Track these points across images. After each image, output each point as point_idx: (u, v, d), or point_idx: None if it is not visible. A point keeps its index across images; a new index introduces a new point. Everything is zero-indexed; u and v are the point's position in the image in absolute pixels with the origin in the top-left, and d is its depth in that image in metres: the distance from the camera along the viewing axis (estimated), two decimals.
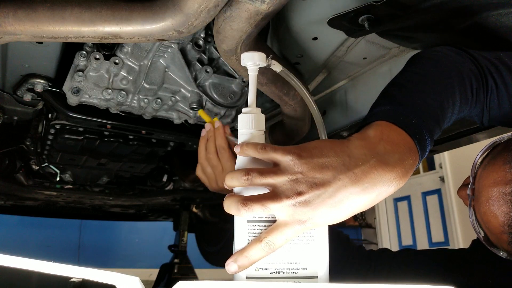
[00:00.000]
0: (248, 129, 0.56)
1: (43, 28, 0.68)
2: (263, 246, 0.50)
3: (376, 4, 0.73)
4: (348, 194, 0.49)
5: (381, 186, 0.50)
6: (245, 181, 0.51)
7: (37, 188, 1.58)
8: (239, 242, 0.52)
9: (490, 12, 0.75)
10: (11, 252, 0.45)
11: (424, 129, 0.55)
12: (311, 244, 0.54)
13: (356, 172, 0.49)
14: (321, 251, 0.54)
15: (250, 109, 0.57)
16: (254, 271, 0.51)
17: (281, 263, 0.52)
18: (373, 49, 1.04)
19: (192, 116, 1.11)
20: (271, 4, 0.64)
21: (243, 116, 0.57)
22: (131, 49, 0.97)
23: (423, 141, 0.54)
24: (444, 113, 0.58)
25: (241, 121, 0.57)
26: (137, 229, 4.36)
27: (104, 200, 1.90)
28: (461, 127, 1.10)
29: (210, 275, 3.55)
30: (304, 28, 0.91)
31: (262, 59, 0.59)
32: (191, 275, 2.21)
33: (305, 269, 0.53)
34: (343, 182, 0.49)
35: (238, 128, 0.57)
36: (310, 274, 0.52)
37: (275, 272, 0.52)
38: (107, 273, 0.40)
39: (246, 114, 0.57)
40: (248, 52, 0.59)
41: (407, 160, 0.52)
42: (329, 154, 0.51)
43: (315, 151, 0.51)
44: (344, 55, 1.04)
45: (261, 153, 0.53)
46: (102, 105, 1.03)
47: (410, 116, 0.55)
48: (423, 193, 4.88)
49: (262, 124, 0.57)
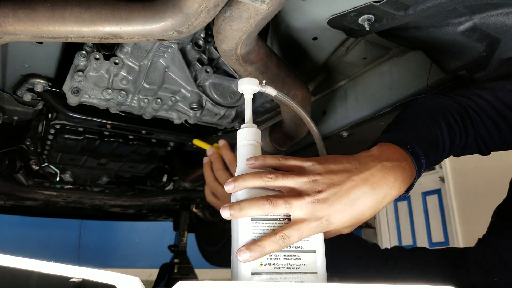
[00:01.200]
0: (248, 140, 0.62)
1: (43, 28, 0.68)
2: (278, 239, 0.54)
3: (376, 4, 0.73)
4: (360, 193, 0.57)
5: (386, 187, 0.59)
6: (269, 179, 0.57)
7: (37, 188, 1.58)
8: (243, 238, 0.55)
9: (490, 12, 0.75)
10: (11, 252, 0.45)
11: (416, 145, 0.66)
12: (309, 241, 0.58)
13: (366, 173, 0.59)
14: (318, 248, 0.58)
15: (248, 125, 0.64)
16: (259, 267, 0.54)
17: (283, 258, 0.55)
18: (373, 49, 1.04)
19: (192, 116, 1.11)
20: (271, 4, 0.64)
21: (242, 130, 0.64)
22: (131, 49, 0.97)
23: (416, 154, 0.65)
24: (433, 136, 0.69)
25: (240, 135, 0.63)
26: (137, 229, 4.36)
27: (104, 200, 1.90)
28: None
29: (210, 275, 3.55)
30: (304, 28, 0.91)
31: (256, 84, 0.65)
32: (191, 275, 2.21)
33: (305, 264, 0.56)
34: (356, 182, 0.58)
35: (238, 142, 0.63)
36: (310, 270, 0.56)
37: (278, 268, 0.54)
38: (107, 273, 0.41)
39: (245, 128, 0.64)
40: (243, 79, 0.65)
41: (405, 168, 0.62)
42: (343, 161, 0.60)
43: (331, 159, 0.60)
44: (344, 55, 1.04)
45: (281, 161, 0.61)
46: (102, 105, 1.03)
47: (403, 138, 0.67)
48: (423, 193, 4.88)
49: (259, 137, 0.64)
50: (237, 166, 0.62)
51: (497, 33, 0.77)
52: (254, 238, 0.54)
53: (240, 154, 0.62)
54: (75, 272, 0.41)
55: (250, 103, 0.66)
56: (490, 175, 3.57)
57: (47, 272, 0.41)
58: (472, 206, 4.01)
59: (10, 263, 0.42)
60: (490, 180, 0.80)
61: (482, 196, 0.80)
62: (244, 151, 0.62)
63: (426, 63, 0.99)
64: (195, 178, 1.68)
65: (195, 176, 1.66)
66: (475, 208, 3.70)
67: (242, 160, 0.61)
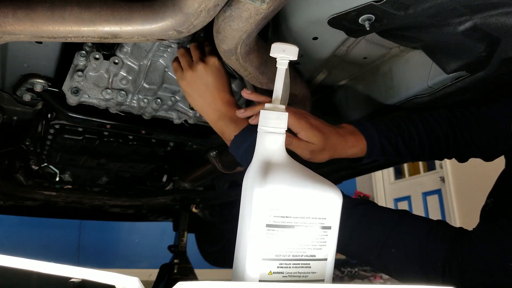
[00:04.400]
0: (270, 127, 0.55)
1: (42, 28, 0.68)
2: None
3: (376, 4, 0.73)
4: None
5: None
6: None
7: (37, 188, 1.57)
8: (255, 244, 0.52)
9: (491, 12, 0.75)
10: (11, 252, 0.45)
11: (369, 124, 0.87)
12: (323, 249, 0.55)
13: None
14: (329, 256, 0.56)
15: (274, 106, 0.55)
16: (268, 275, 0.51)
17: (294, 266, 0.53)
18: (374, 49, 1.04)
19: (191, 116, 1.11)
20: (271, 4, 0.64)
21: (266, 113, 0.55)
22: (131, 49, 0.97)
23: (361, 125, 0.87)
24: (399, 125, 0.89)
25: (263, 117, 0.55)
26: (137, 229, 4.36)
27: (104, 200, 1.89)
28: None
29: (210, 275, 3.55)
30: (304, 28, 0.91)
31: (294, 53, 0.56)
32: (191, 275, 2.21)
33: (314, 273, 0.54)
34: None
35: (259, 124, 0.55)
36: (318, 278, 0.54)
37: (287, 276, 0.52)
38: (107, 274, 0.40)
39: (270, 111, 0.55)
40: (279, 43, 0.56)
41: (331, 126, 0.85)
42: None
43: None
44: (344, 55, 1.04)
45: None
46: (101, 105, 1.03)
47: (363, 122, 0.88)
48: (423, 193, 4.88)
49: (285, 123, 0.55)
50: (254, 156, 0.54)
51: (498, 33, 0.77)
52: (266, 247, 0.51)
53: (260, 142, 0.54)
54: (74, 272, 0.41)
55: (283, 76, 0.56)
56: (491, 175, 3.56)
57: (47, 272, 0.41)
58: (473, 206, 4.00)
59: (10, 264, 0.41)
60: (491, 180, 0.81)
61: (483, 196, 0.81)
62: (264, 140, 0.54)
63: (426, 63, 0.99)
64: (195, 178, 1.68)
65: (195, 176, 1.66)
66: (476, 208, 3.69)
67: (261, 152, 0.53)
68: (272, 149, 0.54)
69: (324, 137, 0.79)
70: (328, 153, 0.81)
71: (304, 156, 0.80)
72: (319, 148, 0.79)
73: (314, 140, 0.78)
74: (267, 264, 0.51)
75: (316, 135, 0.78)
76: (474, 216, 0.83)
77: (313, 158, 0.80)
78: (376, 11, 0.76)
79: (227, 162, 1.37)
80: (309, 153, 0.79)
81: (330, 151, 0.81)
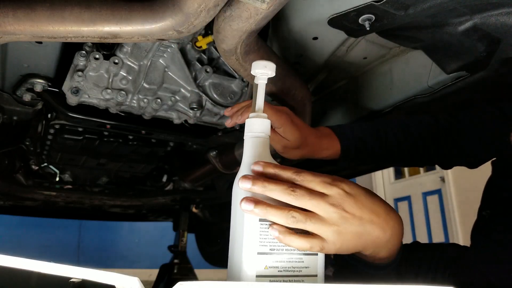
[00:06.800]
0: (255, 132, 0.58)
1: (42, 28, 0.68)
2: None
3: (377, 4, 0.73)
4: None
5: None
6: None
7: (37, 188, 1.57)
8: (250, 240, 0.53)
9: (491, 12, 0.74)
10: (11, 252, 0.45)
11: (346, 128, 0.88)
12: None
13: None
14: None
15: (257, 114, 0.60)
16: (264, 269, 0.53)
17: (287, 261, 0.55)
18: (374, 49, 1.04)
19: (191, 116, 1.11)
20: (271, 4, 0.63)
21: (251, 120, 0.59)
22: (131, 49, 0.97)
23: (338, 128, 0.88)
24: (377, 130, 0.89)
25: (248, 125, 0.59)
26: (137, 229, 4.36)
27: (104, 200, 1.89)
28: None
29: (210, 275, 3.55)
30: (304, 28, 0.91)
31: (272, 68, 0.61)
32: (191, 275, 2.21)
33: (307, 267, 0.56)
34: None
35: (245, 132, 0.59)
36: (311, 273, 0.56)
37: (282, 271, 0.54)
38: (107, 274, 0.40)
39: (254, 119, 0.59)
40: (259, 61, 0.61)
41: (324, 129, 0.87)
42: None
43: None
44: (344, 55, 1.04)
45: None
46: (101, 105, 1.03)
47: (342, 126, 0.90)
48: (423, 193, 4.87)
49: (268, 129, 0.59)
50: (243, 160, 0.58)
51: (498, 33, 0.77)
52: (260, 242, 0.53)
53: (247, 147, 0.58)
54: (74, 272, 0.41)
55: (263, 90, 0.61)
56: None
57: (47, 272, 0.41)
58: (473, 206, 4.00)
59: (9, 264, 0.41)
60: None
61: None
62: (251, 144, 0.58)
63: (426, 63, 0.99)
64: (195, 178, 1.68)
65: (195, 176, 1.66)
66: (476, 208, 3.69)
67: (249, 154, 0.58)
68: (259, 151, 0.58)
69: (301, 136, 0.81)
70: (301, 151, 0.84)
71: (277, 149, 0.82)
72: (293, 145, 0.81)
73: (289, 136, 0.80)
74: (262, 258, 0.53)
75: (293, 133, 0.80)
76: (474, 216, 0.83)
77: (286, 153, 0.83)
78: (376, 11, 0.76)
79: (227, 162, 1.37)
80: (281, 148, 0.82)
81: (304, 150, 0.84)
